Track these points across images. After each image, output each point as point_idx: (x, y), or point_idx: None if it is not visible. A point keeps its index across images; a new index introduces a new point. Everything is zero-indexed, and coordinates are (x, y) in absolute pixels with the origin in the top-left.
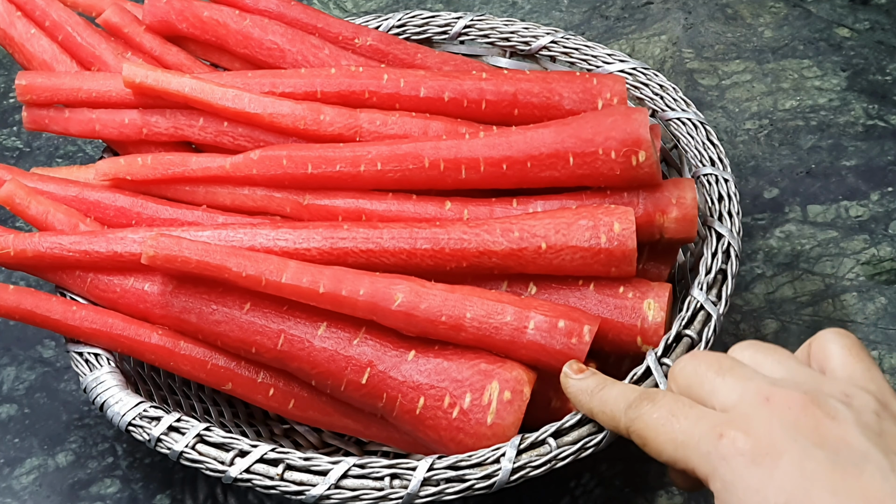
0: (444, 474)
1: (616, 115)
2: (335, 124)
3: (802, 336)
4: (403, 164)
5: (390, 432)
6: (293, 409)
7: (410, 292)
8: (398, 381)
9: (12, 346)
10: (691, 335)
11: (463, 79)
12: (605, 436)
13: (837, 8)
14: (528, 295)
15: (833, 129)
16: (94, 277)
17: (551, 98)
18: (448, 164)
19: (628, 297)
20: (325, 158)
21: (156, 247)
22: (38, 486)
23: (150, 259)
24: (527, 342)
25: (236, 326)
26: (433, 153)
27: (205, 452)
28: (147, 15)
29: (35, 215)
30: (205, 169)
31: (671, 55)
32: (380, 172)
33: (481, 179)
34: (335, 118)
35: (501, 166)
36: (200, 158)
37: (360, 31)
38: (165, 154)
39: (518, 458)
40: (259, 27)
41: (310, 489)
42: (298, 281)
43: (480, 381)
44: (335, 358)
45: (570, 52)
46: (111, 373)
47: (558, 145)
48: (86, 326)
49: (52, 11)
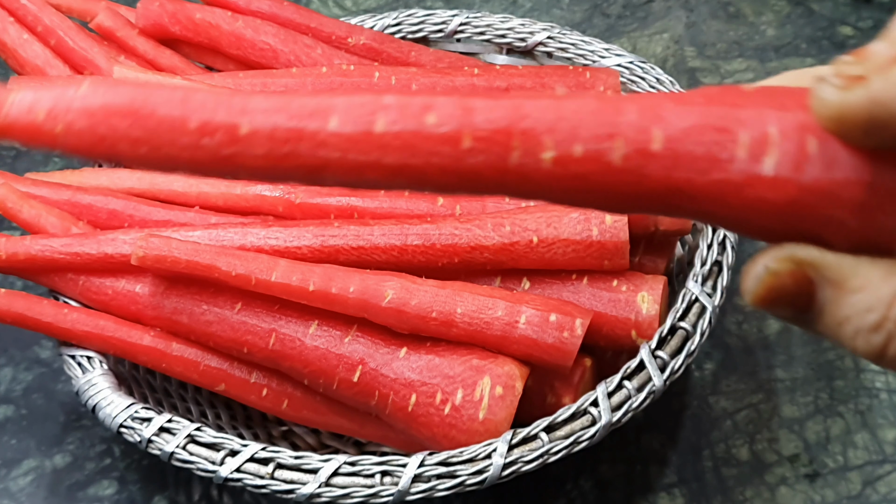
0: (434, 471)
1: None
2: None
3: (805, 337)
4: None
5: (385, 431)
6: (287, 409)
7: (401, 289)
8: (390, 378)
9: (9, 347)
10: (686, 328)
11: (455, 75)
12: (598, 430)
13: (840, 6)
14: (521, 290)
15: None
16: (86, 280)
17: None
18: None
19: (622, 291)
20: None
21: (145, 247)
22: (35, 487)
23: (140, 260)
24: (518, 337)
25: (228, 326)
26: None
27: (196, 452)
28: (140, 18)
29: (27, 219)
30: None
31: (673, 53)
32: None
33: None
34: None
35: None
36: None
37: (354, 31)
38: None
39: (510, 453)
40: (252, 28)
41: (300, 487)
42: (288, 279)
43: (472, 377)
44: (327, 356)
45: (567, 47)
46: (103, 375)
47: None
48: (77, 329)
49: (45, 16)
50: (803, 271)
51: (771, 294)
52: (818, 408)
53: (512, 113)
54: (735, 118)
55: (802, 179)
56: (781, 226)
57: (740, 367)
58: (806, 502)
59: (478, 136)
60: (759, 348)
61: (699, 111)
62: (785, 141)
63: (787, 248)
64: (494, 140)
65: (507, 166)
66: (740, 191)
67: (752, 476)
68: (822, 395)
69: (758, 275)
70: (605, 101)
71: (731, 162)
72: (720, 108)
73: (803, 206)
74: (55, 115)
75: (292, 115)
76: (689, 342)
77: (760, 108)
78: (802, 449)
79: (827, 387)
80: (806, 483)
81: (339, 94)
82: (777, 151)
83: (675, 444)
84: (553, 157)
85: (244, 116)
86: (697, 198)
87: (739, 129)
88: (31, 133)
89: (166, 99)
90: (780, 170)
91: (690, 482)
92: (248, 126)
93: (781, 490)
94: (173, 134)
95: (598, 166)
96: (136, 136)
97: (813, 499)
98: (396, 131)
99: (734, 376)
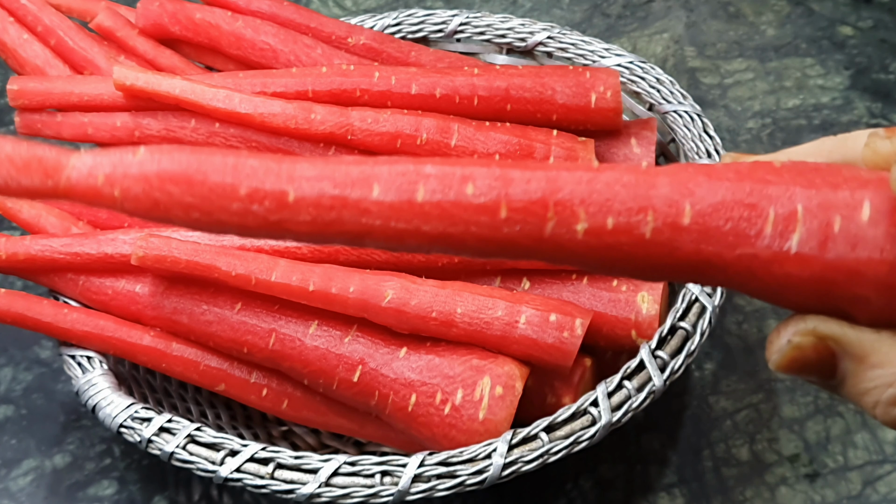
0: (434, 470)
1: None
2: (326, 123)
3: None
4: None
5: (385, 431)
6: (287, 409)
7: (401, 289)
8: (390, 378)
9: (9, 347)
10: (686, 327)
11: (454, 75)
12: (598, 430)
13: (840, 6)
14: (521, 290)
15: (836, 128)
16: (86, 280)
17: (544, 92)
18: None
19: (622, 291)
20: None
21: (145, 247)
22: (35, 487)
23: (140, 260)
24: (518, 337)
25: (228, 326)
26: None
27: (196, 452)
28: (140, 18)
29: (27, 219)
30: None
31: (673, 53)
32: None
33: None
34: (326, 117)
35: None
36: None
37: (354, 31)
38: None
39: (510, 453)
40: (251, 28)
41: (300, 487)
42: (288, 279)
43: (472, 377)
44: (326, 356)
45: (567, 47)
46: (103, 375)
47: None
48: (77, 329)
49: (44, 16)
50: (825, 345)
51: (794, 365)
52: (818, 408)
53: (547, 185)
54: (764, 194)
55: (827, 257)
56: (808, 300)
57: (740, 367)
58: (806, 502)
59: (514, 206)
60: (759, 348)
61: (729, 186)
62: (811, 219)
63: (811, 320)
64: (530, 211)
65: (542, 235)
66: (768, 266)
67: (752, 476)
68: (822, 395)
69: (781, 348)
70: (638, 174)
71: (758, 237)
72: (749, 183)
73: (828, 283)
74: (113, 180)
75: (337, 183)
76: (689, 342)
77: (788, 186)
78: (802, 449)
79: None
80: (806, 483)
81: (382, 162)
82: (803, 229)
83: (675, 444)
84: (586, 228)
85: (291, 184)
86: (727, 270)
87: (767, 205)
88: (90, 196)
89: (218, 166)
90: (804, 247)
91: (690, 482)
92: (295, 193)
93: (781, 490)
94: (224, 200)
95: (629, 238)
96: (189, 203)
97: (813, 499)
98: (436, 201)
99: (734, 376)
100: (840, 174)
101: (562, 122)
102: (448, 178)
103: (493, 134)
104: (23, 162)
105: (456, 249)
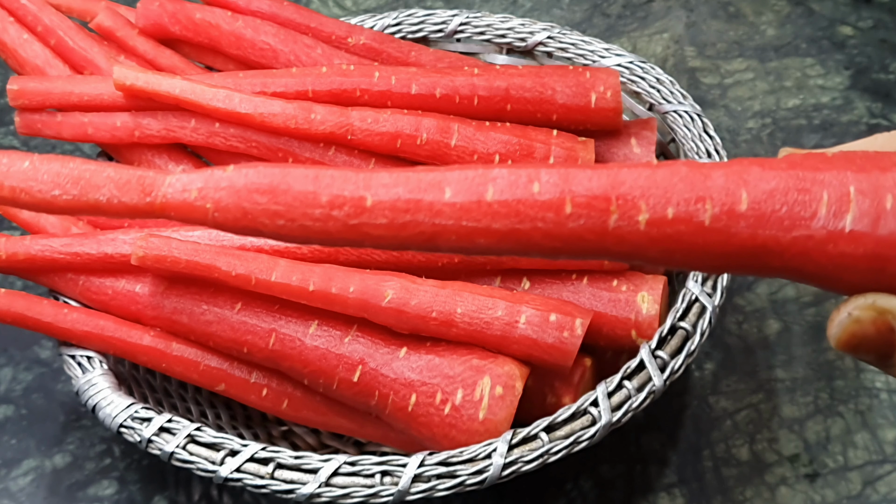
0: (434, 470)
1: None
2: (326, 123)
3: (805, 337)
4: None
5: (385, 431)
6: (287, 409)
7: (401, 288)
8: (390, 378)
9: (9, 347)
10: (686, 327)
11: (455, 75)
12: (598, 430)
13: (840, 6)
14: (521, 290)
15: (836, 128)
16: (86, 280)
17: (544, 92)
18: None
19: (622, 291)
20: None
21: (145, 247)
22: (35, 487)
23: (140, 260)
24: (518, 337)
25: (228, 326)
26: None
27: (196, 452)
28: (140, 18)
29: (27, 219)
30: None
31: (673, 53)
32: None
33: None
34: (326, 116)
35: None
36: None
37: (354, 31)
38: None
39: (510, 453)
40: (251, 28)
41: (300, 487)
42: (288, 279)
43: (472, 377)
44: (326, 356)
45: (567, 47)
46: (103, 375)
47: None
48: (77, 329)
49: (44, 16)
50: (885, 319)
51: (853, 340)
52: (818, 408)
53: (609, 180)
54: (816, 180)
55: (880, 233)
56: (864, 279)
57: (740, 367)
58: (806, 502)
59: (578, 202)
60: (759, 348)
61: (783, 174)
62: (863, 199)
63: (871, 296)
64: (594, 206)
65: (605, 229)
66: (823, 246)
67: (752, 476)
68: (822, 395)
69: (842, 321)
70: (693, 168)
71: (813, 219)
72: (802, 170)
73: (882, 259)
74: (205, 193)
75: (411, 188)
76: (689, 342)
77: (840, 171)
78: (802, 449)
79: (827, 387)
80: (806, 483)
81: (453, 168)
82: (856, 209)
83: (675, 444)
84: (648, 218)
85: (368, 190)
86: (783, 255)
87: (821, 189)
88: (184, 210)
89: (301, 177)
90: (858, 225)
91: (690, 482)
92: (372, 198)
93: (781, 490)
94: (307, 207)
95: (689, 227)
96: (275, 210)
97: (813, 499)
98: (505, 199)
99: (734, 376)
100: (890, 159)
101: (562, 122)
102: (515, 178)
103: (493, 134)
104: (124, 181)
105: (524, 248)
